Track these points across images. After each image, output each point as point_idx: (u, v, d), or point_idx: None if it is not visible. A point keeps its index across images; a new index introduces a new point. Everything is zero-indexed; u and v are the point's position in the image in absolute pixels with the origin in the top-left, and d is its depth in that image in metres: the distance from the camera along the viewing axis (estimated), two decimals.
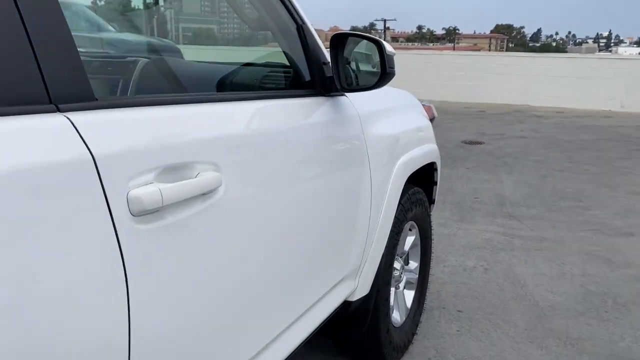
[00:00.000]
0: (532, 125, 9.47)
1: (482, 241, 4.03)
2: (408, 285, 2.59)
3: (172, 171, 1.00)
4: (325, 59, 1.69)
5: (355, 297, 1.96)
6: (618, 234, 4.18)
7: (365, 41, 1.69)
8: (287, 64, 1.71)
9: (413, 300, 2.60)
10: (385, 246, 2.07)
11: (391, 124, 2.08)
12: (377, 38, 1.65)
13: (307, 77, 1.69)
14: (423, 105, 2.73)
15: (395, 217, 2.11)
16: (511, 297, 3.13)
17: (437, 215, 4.55)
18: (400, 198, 2.13)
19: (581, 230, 4.26)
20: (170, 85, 1.65)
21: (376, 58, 1.71)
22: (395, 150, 2.06)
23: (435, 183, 2.69)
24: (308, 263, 1.59)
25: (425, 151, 2.38)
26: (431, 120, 2.76)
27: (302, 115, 1.58)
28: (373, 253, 1.97)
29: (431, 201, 2.74)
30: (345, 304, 1.94)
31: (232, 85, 1.72)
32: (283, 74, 1.76)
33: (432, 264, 3.52)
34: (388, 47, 1.63)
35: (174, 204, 0.97)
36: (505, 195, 5.24)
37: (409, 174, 2.18)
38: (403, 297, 2.51)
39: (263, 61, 1.82)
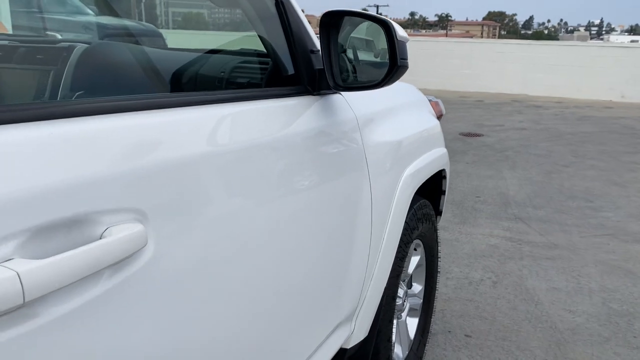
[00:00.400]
0: (531, 116, 9.10)
1: (488, 248, 3.66)
2: (411, 312, 2.21)
3: (54, 232, 0.60)
4: (314, 45, 1.29)
5: (351, 344, 1.57)
6: (635, 240, 3.83)
7: (367, 22, 1.29)
8: (264, 52, 1.30)
9: (417, 330, 2.22)
10: (388, 278, 1.68)
11: (396, 127, 1.69)
12: (384, 18, 1.24)
13: (290, 70, 1.29)
14: (429, 100, 2.33)
15: (400, 240, 1.73)
16: (525, 317, 2.76)
17: None
18: (406, 217, 1.74)
19: (594, 235, 3.91)
20: (105, 82, 1.23)
21: (380, 44, 1.31)
22: (400, 160, 1.66)
23: (444, 192, 2.30)
24: (289, 324, 1.20)
25: (434, 157, 1.99)
26: (439, 117, 2.37)
27: (282, 124, 1.18)
28: (373, 289, 1.58)
29: (438, 212, 2.36)
30: (340, 351, 1.56)
31: (189, 82, 1.31)
32: (258, 67, 1.35)
33: None
34: (400, 31, 1.22)
35: (54, 293, 0.57)
36: (510, 194, 4.87)
37: (417, 188, 1.79)
38: (405, 328, 2.13)
39: (232, 49, 1.41)
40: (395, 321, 1.99)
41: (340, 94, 1.39)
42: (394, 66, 1.21)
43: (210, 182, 0.90)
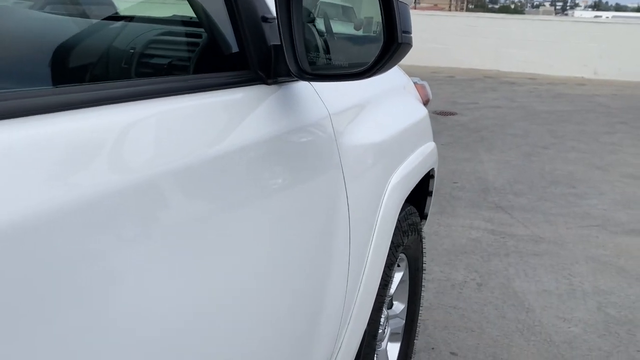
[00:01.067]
0: (506, 94, 8.83)
1: (469, 242, 3.35)
2: (393, 337, 1.86)
3: None
4: (268, 11, 0.89)
5: None
6: (624, 231, 3.57)
7: None
8: (194, 19, 0.89)
9: (398, 356, 1.88)
10: (371, 312, 1.32)
11: (379, 123, 1.30)
12: None
13: (233, 48, 0.89)
14: (415, 83, 1.95)
15: (384, 264, 1.36)
16: (516, 328, 2.45)
17: None
18: (392, 236, 1.37)
19: (581, 226, 3.63)
20: None
21: (363, 11, 0.92)
22: (386, 165, 1.28)
23: (430, 193, 1.94)
24: None
25: (424, 156, 1.62)
26: (425, 103, 1.99)
27: (219, 131, 0.79)
28: (353, 329, 1.22)
29: (423, 216, 2.01)
30: None
31: (76, 69, 0.88)
32: (185, 42, 0.94)
33: None
34: None
35: None
36: (489, 180, 4.57)
37: (406, 197, 1.42)
38: (386, 356, 1.78)
39: (148, 15, 0.98)
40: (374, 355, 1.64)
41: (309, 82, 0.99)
42: (391, 44, 0.82)
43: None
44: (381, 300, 1.43)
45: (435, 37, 12.15)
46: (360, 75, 0.90)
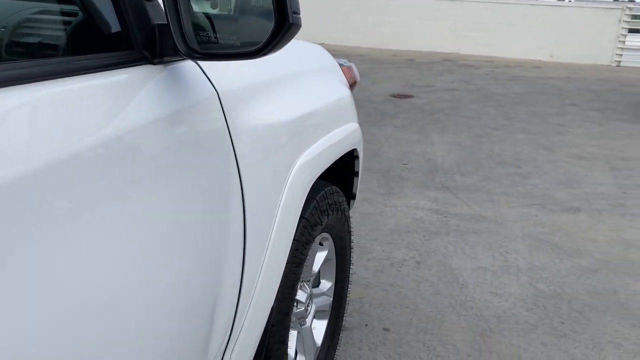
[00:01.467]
0: (462, 76, 8.94)
1: (413, 222, 3.42)
2: (319, 314, 1.90)
3: None
4: None
5: None
6: (563, 209, 3.69)
7: None
8: None
9: (326, 333, 1.92)
10: (280, 291, 1.35)
11: (287, 102, 1.32)
12: None
13: (115, 27, 0.89)
14: (341, 65, 1.97)
15: (294, 244, 1.39)
16: (449, 304, 2.53)
17: (362, 187, 3.89)
18: (305, 214, 1.40)
19: (523, 205, 3.74)
20: None
21: None
22: (293, 144, 1.31)
23: (357, 174, 1.98)
24: None
25: (342, 137, 1.65)
26: (352, 85, 2.02)
27: (102, 116, 0.80)
28: (256, 306, 1.24)
29: (351, 196, 2.04)
30: None
31: None
32: (61, 20, 0.93)
33: (355, 258, 2.88)
34: None
35: None
36: (437, 161, 4.65)
37: (316, 177, 1.44)
38: (311, 335, 1.82)
39: None
40: (295, 333, 1.68)
41: (196, 62, 1.00)
42: (283, 24, 0.84)
43: None
44: (294, 278, 1.46)
45: (396, 20, 12.19)
46: (252, 54, 0.92)
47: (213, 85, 1.02)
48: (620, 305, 2.56)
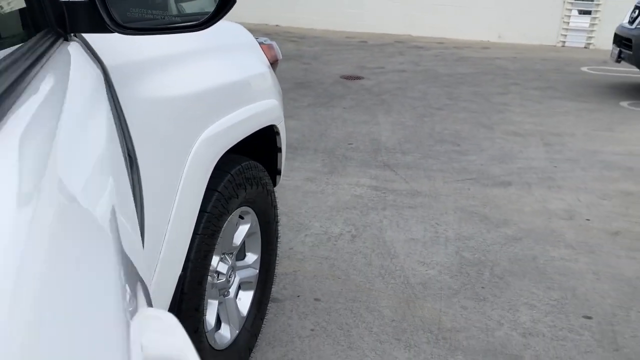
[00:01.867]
0: (412, 58, 9.09)
1: (352, 199, 3.53)
2: (245, 285, 1.99)
3: None
4: None
5: None
6: (495, 183, 3.87)
7: None
8: None
9: (252, 304, 2.01)
10: (193, 260, 1.43)
11: (189, 77, 1.39)
12: None
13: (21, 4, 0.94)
14: (261, 44, 2.04)
15: (205, 216, 1.46)
16: (379, 273, 2.66)
17: (307, 167, 3.99)
18: (213, 189, 1.47)
19: (457, 180, 3.90)
20: None
21: None
22: (193, 119, 1.37)
23: (280, 150, 2.06)
24: None
25: (255, 112, 1.72)
26: (274, 63, 2.09)
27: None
28: (161, 276, 1.31)
29: (277, 172, 2.13)
30: None
31: None
32: None
33: (293, 235, 2.98)
34: None
35: None
36: (381, 140, 4.78)
37: (224, 150, 1.52)
38: (235, 305, 1.91)
39: None
40: (215, 302, 1.76)
41: (76, 39, 1.05)
42: (227, 1, 0.94)
43: None
44: (207, 249, 1.53)
45: (350, 2, 12.25)
46: (197, 27, 1.00)
47: (99, 61, 1.08)
48: (537, 270, 2.74)
